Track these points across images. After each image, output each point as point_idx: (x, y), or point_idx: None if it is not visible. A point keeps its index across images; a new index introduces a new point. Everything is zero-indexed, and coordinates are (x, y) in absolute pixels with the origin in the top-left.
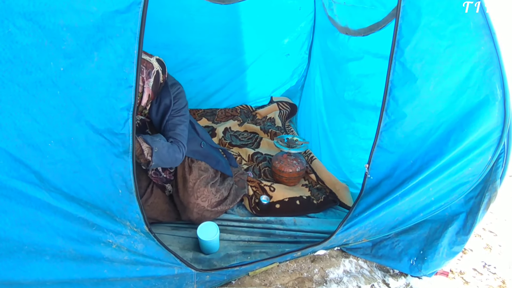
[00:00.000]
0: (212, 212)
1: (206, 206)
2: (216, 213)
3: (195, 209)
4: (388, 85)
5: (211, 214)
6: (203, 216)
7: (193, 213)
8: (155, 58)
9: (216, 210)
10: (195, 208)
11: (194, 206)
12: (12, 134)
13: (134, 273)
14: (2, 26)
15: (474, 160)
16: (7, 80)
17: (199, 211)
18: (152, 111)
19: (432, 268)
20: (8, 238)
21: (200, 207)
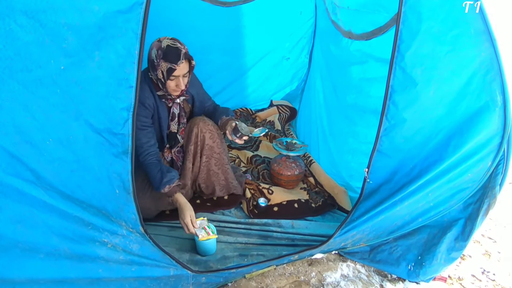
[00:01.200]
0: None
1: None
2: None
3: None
4: (388, 90)
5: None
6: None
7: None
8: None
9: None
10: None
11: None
12: (10, 131)
13: (129, 273)
14: (4, 23)
15: (473, 166)
16: (7, 77)
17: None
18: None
19: (430, 273)
20: (2, 235)
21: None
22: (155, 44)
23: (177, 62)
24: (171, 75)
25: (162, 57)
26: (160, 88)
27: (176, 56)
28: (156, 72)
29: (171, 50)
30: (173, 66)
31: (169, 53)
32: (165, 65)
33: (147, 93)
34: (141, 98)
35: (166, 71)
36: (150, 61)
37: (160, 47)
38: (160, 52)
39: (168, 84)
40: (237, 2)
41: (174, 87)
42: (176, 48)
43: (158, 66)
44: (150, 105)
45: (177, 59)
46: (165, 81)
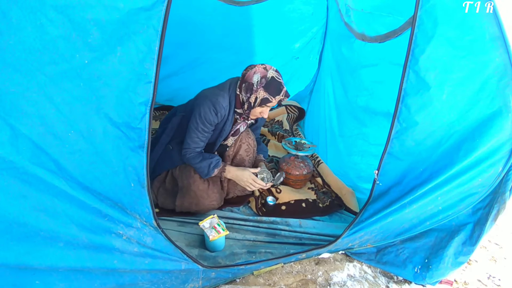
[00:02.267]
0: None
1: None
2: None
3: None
4: (401, 93)
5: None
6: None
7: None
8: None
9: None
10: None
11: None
12: (36, 122)
13: (143, 266)
14: (35, 18)
15: (484, 171)
16: (35, 70)
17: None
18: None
19: (436, 277)
20: (26, 223)
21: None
22: (260, 69)
23: (275, 96)
24: (264, 105)
25: (264, 86)
26: (241, 107)
27: (277, 90)
28: (250, 95)
29: (275, 83)
30: (270, 98)
31: (272, 85)
32: (263, 94)
33: (226, 103)
34: (217, 106)
35: (262, 99)
36: (249, 83)
37: (265, 76)
38: (263, 80)
39: (254, 110)
40: (250, 2)
41: (258, 114)
42: (279, 83)
43: (255, 91)
44: (222, 116)
45: (276, 94)
46: (253, 106)
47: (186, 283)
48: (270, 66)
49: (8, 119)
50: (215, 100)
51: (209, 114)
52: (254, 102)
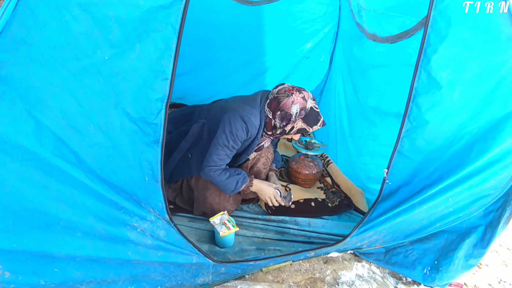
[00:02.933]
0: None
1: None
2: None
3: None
4: (412, 91)
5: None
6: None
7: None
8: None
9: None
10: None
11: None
12: (58, 116)
13: (156, 258)
14: (60, 15)
15: (497, 173)
16: (59, 65)
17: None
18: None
19: (446, 279)
20: (47, 212)
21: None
22: (299, 100)
23: (313, 126)
24: (299, 133)
25: (303, 118)
26: (271, 130)
27: (315, 121)
28: (286, 124)
29: (313, 114)
30: (308, 128)
31: (310, 116)
32: (301, 125)
33: (257, 122)
34: (249, 125)
35: (299, 129)
36: (286, 113)
37: (305, 108)
38: (302, 112)
39: (287, 135)
40: (261, 2)
41: (289, 137)
42: (317, 113)
43: (293, 122)
44: (252, 134)
45: (314, 124)
46: (288, 134)
47: (196, 277)
48: (308, 94)
49: (32, 112)
50: (248, 118)
51: (240, 131)
52: (290, 130)
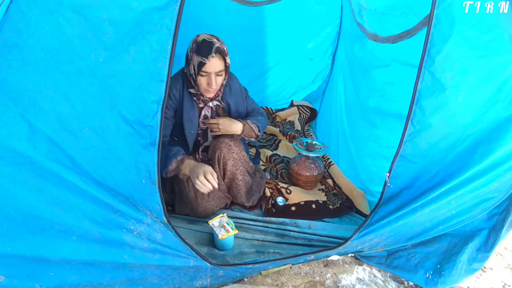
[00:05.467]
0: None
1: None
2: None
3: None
4: (415, 94)
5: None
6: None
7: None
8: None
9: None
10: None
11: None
12: (52, 119)
13: (152, 261)
14: (53, 17)
15: (500, 176)
16: (52, 68)
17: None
18: (225, 95)
19: (449, 283)
20: (41, 216)
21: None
22: (193, 39)
23: (207, 56)
24: (201, 71)
25: (195, 51)
26: (192, 86)
27: (208, 49)
28: (189, 66)
29: (205, 43)
30: (203, 60)
31: (202, 46)
32: (196, 59)
33: (179, 85)
34: (170, 88)
35: (197, 65)
36: (186, 55)
37: (196, 41)
38: (194, 46)
39: (199, 81)
40: (263, 2)
41: (206, 85)
42: (210, 42)
43: (191, 60)
44: (176, 97)
45: (208, 53)
46: (196, 77)
47: (194, 280)
48: (206, 33)
49: (26, 115)
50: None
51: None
52: (194, 72)
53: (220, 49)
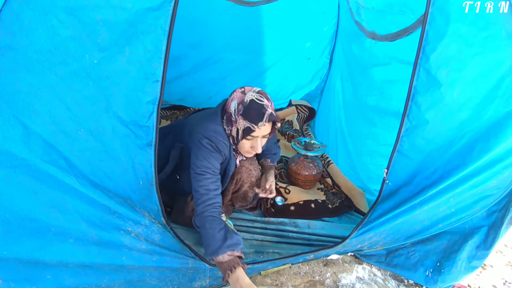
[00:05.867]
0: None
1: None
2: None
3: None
4: (411, 90)
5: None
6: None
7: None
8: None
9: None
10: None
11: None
12: (47, 121)
13: (150, 263)
14: (46, 19)
15: (499, 173)
16: (47, 70)
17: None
18: None
19: (449, 281)
20: (37, 219)
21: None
22: (237, 95)
23: (258, 123)
24: (249, 135)
25: (242, 114)
26: (232, 143)
27: (259, 116)
28: (231, 127)
29: (254, 107)
30: (252, 126)
31: (251, 111)
32: (243, 123)
33: (226, 140)
34: (219, 144)
35: (244, 130)
36: (228, 113)
37: (242, 101)
38: (240, 107)
39: (241, 144)
40: (260, 2)
41: (249, 148)
42: (260, 106)
43: (235, 122)
44: (225, 155)
45: (258, 119)
46: (238, 141)
47: (193, 281)
48: (251, 88)
49: (20, 118)
50: (215, 138)
51: (215, 153)
52: (237, 136)
53: (273, 117)
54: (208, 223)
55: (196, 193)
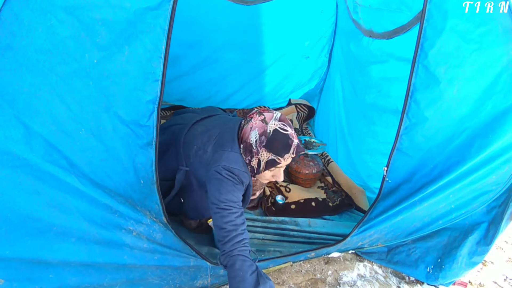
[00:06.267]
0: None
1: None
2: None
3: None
4: (410, 88)
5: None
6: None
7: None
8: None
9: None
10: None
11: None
12: (48, 121)
13: (152, 262)
14: (45, 19)
15: (498, 168)
16: (47, 70)
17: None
18: None
19: (450, 277)
20: (39, 218)
21: None
22: (257, 124)
23: (283, 155)
24: (274, 167)
25: (265, 146)
26: (251, 172)
27: (285, 148)
28: (251, 158)
29: (279, 138)
30: (277, 159)
31: (275, 143)
32: (266, 155)
33: (246, 170)
34: (242, 175)
35: (266, 162)
36: (247, 143)
37: (265, 132)
38: (263, 139)
39: (263, 175)
40: (259, 1)
41: (270, 177)
42: (285, 136)
43: (256, 154)
44: (246, 184)
45: (284, 151)
46: (258, 172)
47: (195, 279)
48: (271, 114)
49: (21, 118)
50: (237, 170)
51: (238, 185)
52: (258, 167)
53: (300, 148)
54: (238, 264)
55: (222, 231)
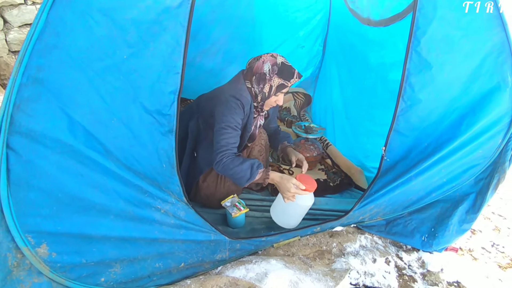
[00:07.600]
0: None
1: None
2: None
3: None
4: (405, 72)
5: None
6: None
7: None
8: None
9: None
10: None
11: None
12: (86, 112)
13: (178, 236)
14: (84, 20)
15: (484, 143)
16: (85, 66)
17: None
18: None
19: (442, 244)
20: (84, 198)
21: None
22: (268, 58)
23: (290, 79)
24: (280, 91)
25: (277, 73)
26: (255, 100)
27: (290, 74)
28: (264, 85)
29: (286, 67)
30: (286, 83)
31: (284, 70)
32: (277, 81)
33: (250, 101)
34: (243, 100)
35: (277, 86)
36: (260, 73)
37: (276, 63)
38: (275, 68)
39: (269, 100)
40: None
41: (273, 102)
42: (290, 67)
43: (269, 80)
44: (247, 111)
45: (290, 77)
46: (269, 96)
47: (215, 253)
48: (276, 53)
49: (65, 109)
50: (239, 95)
51: (238, 109)
52: (269, 91)
53: (300, 74)
54: (231, 164)
55: (217, 144)
